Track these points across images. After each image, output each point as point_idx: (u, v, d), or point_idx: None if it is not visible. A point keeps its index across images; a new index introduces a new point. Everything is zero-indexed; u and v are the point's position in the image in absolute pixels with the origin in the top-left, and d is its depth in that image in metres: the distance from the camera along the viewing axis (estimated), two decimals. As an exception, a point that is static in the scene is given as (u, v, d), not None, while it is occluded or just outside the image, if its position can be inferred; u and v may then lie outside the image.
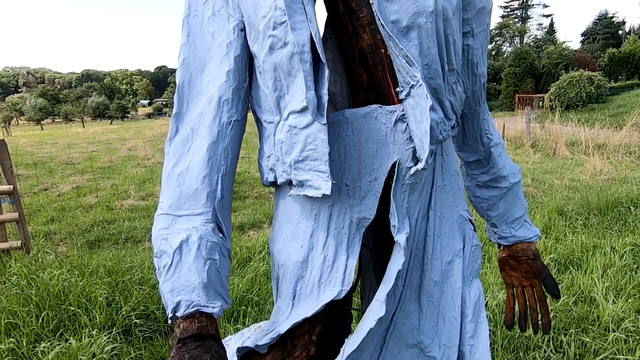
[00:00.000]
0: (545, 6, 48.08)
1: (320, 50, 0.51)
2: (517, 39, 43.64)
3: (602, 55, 24.57)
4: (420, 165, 0.54)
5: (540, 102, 19.70)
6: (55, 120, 54.11)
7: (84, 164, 9.32)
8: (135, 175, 6.73)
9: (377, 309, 0.59)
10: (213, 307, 0.55)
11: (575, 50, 25.68)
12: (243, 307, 1.91)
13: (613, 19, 44.49)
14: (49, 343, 1.55)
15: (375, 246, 0.80)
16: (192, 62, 0.64)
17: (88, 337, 1.58)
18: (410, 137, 0.58)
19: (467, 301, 0.71)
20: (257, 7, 0.56)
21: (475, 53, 0.68)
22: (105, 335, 1.59)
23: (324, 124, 0.52)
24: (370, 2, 0.53)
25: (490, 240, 1.11)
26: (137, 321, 1.75)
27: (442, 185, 0.68)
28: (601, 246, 2.54)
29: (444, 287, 0.69)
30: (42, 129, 39.34)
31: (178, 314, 0.54)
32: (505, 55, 36.71)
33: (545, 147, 8.45)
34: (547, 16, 47.50)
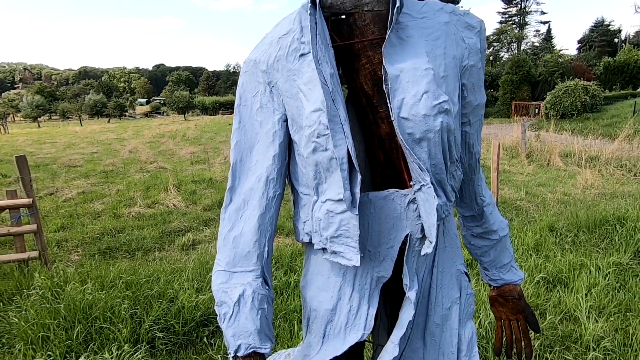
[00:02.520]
0: (542, 13, 48.62)
1: (355, 161, 0.67)
2: (514, 45, 44.05)
3: (597, 63, 24.94)
4: (429, 249, 0.70)
5: (537, 110, 20.01)
6: (52, 117, 53.85)
7: (86, 166, 9.43)
8: (139, 181, 6.86)
9: (392, 350, 0.75)
10: (265, 348, 0.72)
11: (572, 59, 26.03)
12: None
13: (609, 27, 45.06)
14: (84, 357, 1.69)
15: (386, 289, 0.96)
16: (243, 144, 0.80)
17: (117, 351, 1.73)
18: (419, 215, 0.74)
19: (462, 339, 0.88)
20: (302, 113, 0.72)
21: (472, 137, 0.84)
22: (132, 349, 1.74)
23: (356, 214, 0.68)
24: (392, 119, 0.70)
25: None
26: (160, 335, 1.91)
27: (444, 247, 0.85)
28: (587, 265, 2.72)
29: (444, 328, 0.86)
30: (39, 126, 39.22)
31: (239, 354, 0.70)
32: (502, 61, 37.08)
33: (540, 158, 8.66)
34: (544, 23, 48.04)
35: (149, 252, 3.64)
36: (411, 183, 0.73)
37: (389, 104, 0.69)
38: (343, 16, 0.76)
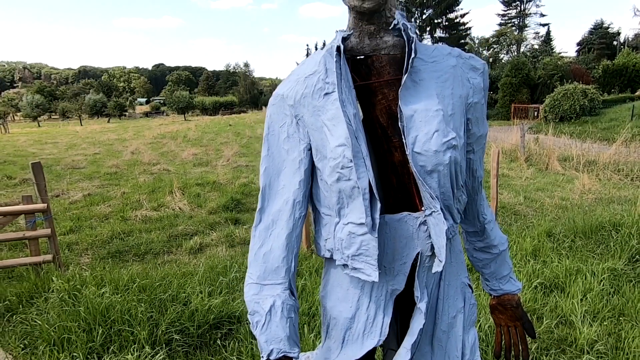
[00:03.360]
0: (542, 15, 48.76)
1: (375, 191, 0.77)
2: (514, 47, 44.22)
3: (596, 66, 25.09)
4: (439, 268, 0.81)
5: (536, 113, 20.15)
6: (52, 116, 53.86)
7: (90, 168, 9.53)
8: (144, 184, 6.95)
9: (404, 354, 0.86)
10: (294, 353, 0.82)
11: (571, 62, 26.17)
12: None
13: (608, 30, 45.26)
14: (107, 358, 1.79)
15: (397, 299, 1.06)
16: (271, 170, 0.90)
17: (137, 352, 1.83)
18: (429, 235, 0.84)
19: (466, 344, 0.98)
20: (326, 145, 0.82)
21: (475, 163, 0.95)
22: (152, 351, 1.84)
23: (376, 237, 0.79)
24: (407, 152, 0.80)
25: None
26: (176, 337, 2.01)
27: (450, 262, 0.95)
28: (583, 271, 2.82)
29: (449, 334, 0.96)
30: (39, 125, 39.27)
31: (271, 358, 0.81)
32: (502, 63, 37.22)
33: (539, 162, 8.79)
34: (543, 25, 48.24)
35: (157, 256, 3.74)
36: (423, 208, 0.83)
37: (403, 140, 0.79)
38: (362, 56, 0.86)
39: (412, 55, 0.78)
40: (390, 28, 0.83)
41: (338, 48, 0.81)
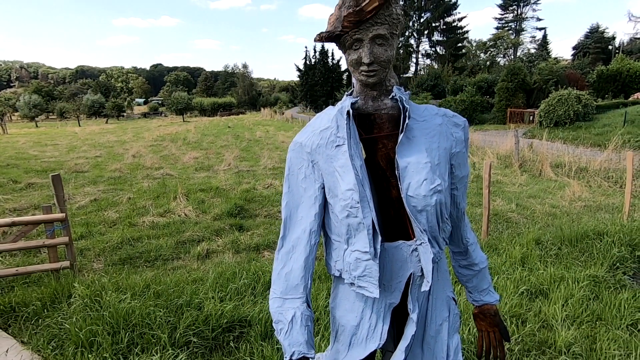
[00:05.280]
0: (538, 19, 49.31)
1: (377, 227, 0.98)
2: (510, 51, 44.65)
3: (591, 71, 25.45)
4: (427, 287, 1.02)
5: (531, 117, 20.47)
6: (49, 116, 53.78)
7: (93, 172, 9.69)
8: (148, 189, 7.14)
9: (399, 355, 1.07)
10: (311, 354, 1.03)
11: (566, 67, 26.52)
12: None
13: (603, 34, 45.80)
14: (133, 359, 1.99)
15: (394, 309, 1.27)
16: (292, 204, 1.11)
17: (159, 353, 2.03)
18: (420, 259, 1.05)
19: (450, 347, 1.19)
20: (337, 186, 1.03)
21: (459, 197, 1.16)
22: (174, 352, 2.04)
23: (377, 262, 0.99)
24: (402, 195, 1.00)
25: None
26: (194, 339, 2.21)
27: (437, 279, 1.16)
28: (566, 278, 3.04)
29: (437, 339, 1.17)
30: (37, 126, 39.28)
31: (293, 358, 1.01)
32: (498, 67, 37.58)
33: (532, 168, 9.04)
34: (540, 29, 48.74)
35: (167, 262, 3.93)
36: (415, 239, 1.04)
37: (399, 185, 1.00)
38: (366, 114, 1.07)
39: (407, 120, 0.99)
40: (389, 97, 1.04)
41: (348, 112, 1.02)
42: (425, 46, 43.90)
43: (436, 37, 42.85)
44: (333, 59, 44.46)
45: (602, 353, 2.14)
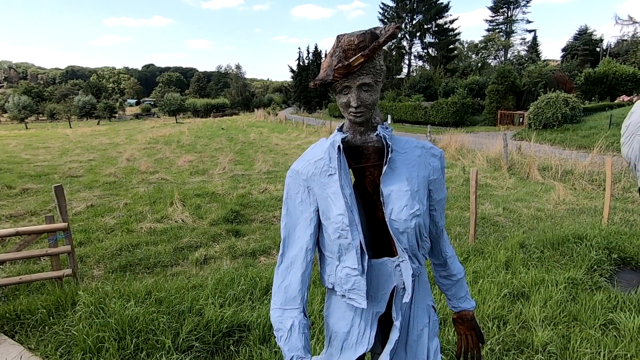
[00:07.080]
0: (528, 22, 50.06)
1: (364, 247, 1.14)
2: (501, 52, 45.27)
3: (579, 73, 25.97)
4: (407, 299, 1.17)
5: (521, 119, 20.87)
6: (39, 118, 53.11)
7: (87, 176, 9.71)
8: (144, 195, 7.22)
9: (385, 358, 1.22)
10: (307, 358, 1.18)
11: (554, 69, 27.01)
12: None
13: (592, 36, 46.66)
14: (141, 363, 2.12)
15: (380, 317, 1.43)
16: (290, 225, 1.26)
17: (164, 358, 2.16)
18: (402, 274, 1.21)
19: (430, 350, 1.35)
20: (330, 210, 1.18)
21: (437, 217, 1.32)
22: (178, 356, 2.17)
23: (364, 277, 1.15)
24: (386, 219, 1.16)
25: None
26: (196, 344, 2.34)
27: (418, 290, 1.32)
28: (546, 280, 3.23)
29: (418, 343, 1.33)
30: (27, 127, 38.86)
31: (292, 362, 1.16)
32: (489, 69, 38.10)
33: (520, 171, 9.29)
34: (530, 31, 49.48)
35: (166, 268, 4.05)
36: (398, 256, 1.20)
37: (384, 209, 1.16)
38: (355, 146, 1.22)
39: (389, 155, 1.15)
40: (375, 132, 1.20)
41: (339, 146, 1.18)
42: (417, 48, 44.27)
43: (428, 39, 43.27)
44: (326, 60, 44.54)
45: (575, 351, 2.32)
